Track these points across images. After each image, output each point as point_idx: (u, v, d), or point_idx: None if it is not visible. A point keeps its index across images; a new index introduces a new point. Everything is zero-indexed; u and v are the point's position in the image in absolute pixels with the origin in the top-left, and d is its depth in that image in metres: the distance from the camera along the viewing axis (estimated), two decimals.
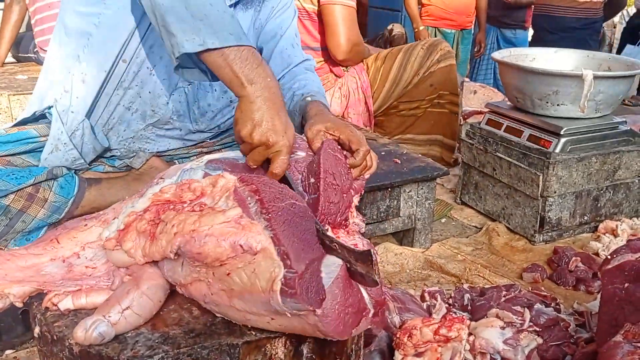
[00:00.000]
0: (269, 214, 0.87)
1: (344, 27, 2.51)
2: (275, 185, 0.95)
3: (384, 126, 2.75)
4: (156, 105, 1.48)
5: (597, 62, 2.32)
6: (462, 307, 1.62)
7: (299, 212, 0.93)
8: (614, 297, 1.26)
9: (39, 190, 1.38)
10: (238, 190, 0.91)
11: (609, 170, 2.15)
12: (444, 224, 2.37)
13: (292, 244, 0.86)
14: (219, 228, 0.85)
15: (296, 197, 0.96)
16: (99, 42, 1.39)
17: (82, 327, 0.87)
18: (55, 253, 0.97)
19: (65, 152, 1.44)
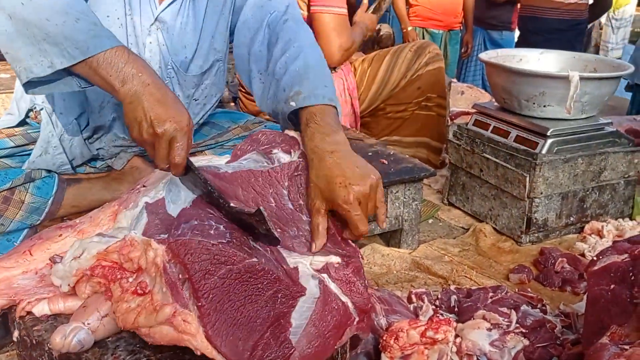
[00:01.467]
0: (200, 300, 0.82)
1: (335, 36, 2.47)
2: (207, 248, 0.85)
3: (370, 127, 2.74)
4: None
5: (583, 64, 2.33)
6: (448, 309, 1.62)
7: (239, 277, 0.86)
8: (600, 298, 1.26)
9: (15, 193, 1.35)
10: (168, 270, 0.84)
11: (595, 172, 2.15)
12: (431, 225, 2.37)
13: (229, 340, 0.81)
14: (157, 330, 0.83)
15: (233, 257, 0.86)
16: None
17: (61, 333, 0.84)
18: (28, 266, 0.95)
19: (54, 155, 1.42)
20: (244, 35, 1.45)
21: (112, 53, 1.05)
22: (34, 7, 1.03)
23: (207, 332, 0.81)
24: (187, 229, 0.89)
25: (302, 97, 1.22)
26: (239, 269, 0.86)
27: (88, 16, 1.08)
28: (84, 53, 1.03)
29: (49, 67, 1.03)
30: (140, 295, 0.85)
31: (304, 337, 0.87)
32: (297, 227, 1.07)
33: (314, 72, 1.28)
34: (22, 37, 1.04)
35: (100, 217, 1.02)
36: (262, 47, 1.41)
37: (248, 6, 1.46)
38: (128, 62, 1.05)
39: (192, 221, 0.92)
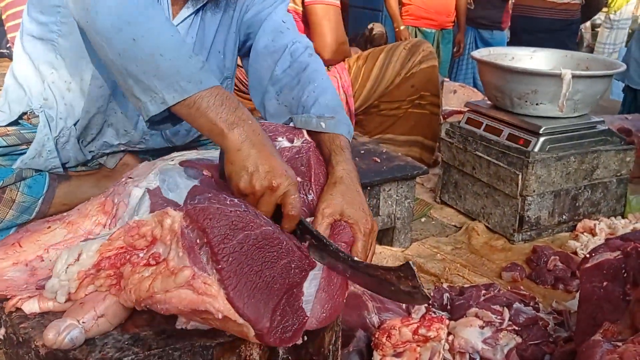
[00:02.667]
0: (219, 263, 0.82)
1: (329, 27, 2.48)
2: (225, 214, 0.86)
3: (364, 125, 2.73)
4: (129, 126, 1.43)
5: (576, 62, 2.33)
6: (441, 307, 1.61)
7: (256, 244, 0.86)
8: (592, 295, 1.26)
9: (5, 192, 1.34)
10: (185, 235, 0.84)
11: (587, 170, 2.16)
12: (424, 223, 2.36)
13: (250, 302, 0.82)
14: (175, 295, 0.81)
15: (251, 224, 0.88)
16: (68, 49, 1.34)
17: (54, 330, 0.83)
18: (18, 257, 0.93)
19: (47, 159, 1.40)
20: (265, 59, 1.46)
21: (221, 95, 1.02)
22: (147, 43, 1.01)
23: (228, 294, 0.81)
24: (203, 199, 0.89)
25: (332, 123, 1.27)
26: (256, 235, 0.87)
27: (197, 55, 1.06)
28: (197, 86, 1.00)
29: (163, 104, 1.00)
30: (152, 265, 0.85)
31: (317, 303, 0.91)
32: None
33: (341, 108, 1.35)
34: (131, 74, 1.02)
35: (88, 209, 1.01)
36: (283, 71, 1.44)
37: (266, 31, 1.47)
38: (238, 107, 1.02)
39: (206, 194, 0.92)
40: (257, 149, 0.99)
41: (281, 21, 1.50)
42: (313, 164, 1.15)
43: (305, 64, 1.43)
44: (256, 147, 0.99)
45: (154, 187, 0.99)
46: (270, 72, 1.45)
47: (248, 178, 0.98)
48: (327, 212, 1.08)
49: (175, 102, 0.99)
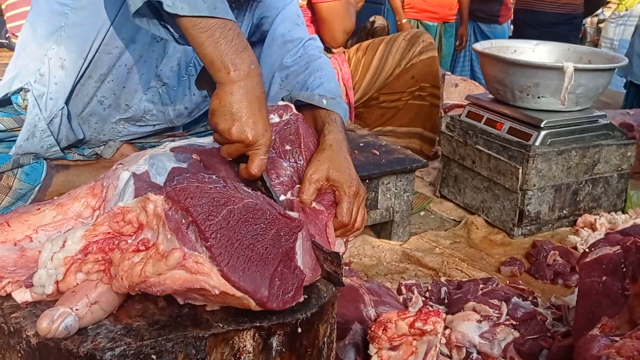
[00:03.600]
0: (208, 240, 0.82)
1: (337, 22, 2.50)
2: (206, 191, 0.86)
3: (364, 118, 2.72)
4: (130, 100, 1.43)
5: (578, 55, 2.32)
6: (439, 301, 1.61)
7: (241, 217, 0.86)
8: (591, 290, 1.25)
9: (2, 178, 1.34)
10: (170, 217, 0.84)
11: (589, 164, 2.14)
12: (423, 217, 2.35)
13: (246, 275, 0.83)
14: (168, 276, 0.82)
15: (233, 198, 0.88)
16: (75, 25, 1.33)
17: (48, 318, 0.82)
18: (6, 236, 0.92)
19: (41, 138, 1.40)
20: (280, 46, 1.48)
21: (234, 31, 0.99)
22: None
23: (222, 270, 0.82)
24: (182, 179, 0.90)
25: (334, 102, 1.31)
26: (239, 209, 0.86)
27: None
28: (210, 10, 0.97)
29: (169, 7, 0.95)
30: (142, 251, 0.85)
31: (305, 254, 0.93)
32: (277, 173, 1.13)
33: (342, 99, 1.39)
34: None
35: (77, 192, 1.00)
36: (293, 60, 1.47)
37: (284, 20, 1.49)
38: (245, 49, 1.00)
39: (184, 174, 0.93)
40: (249, 99, 0.99)
41: (296, 15, 1.53)
42: (302, 132, 1.17)
43: (316, 57, 1.47)
44: (249, 96, 0.99)
45: (141, 172, 0.99)
46: (281, 60, 1.48)
47: (230, 122, 0.99)
48: (314, 178, 1.11)
49: (183, 14, 0.96)
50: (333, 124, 1.26)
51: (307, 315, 0.93)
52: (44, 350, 0.84)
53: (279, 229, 0.90)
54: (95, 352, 0.81)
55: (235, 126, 0.99)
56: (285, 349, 0.93)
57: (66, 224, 0.96)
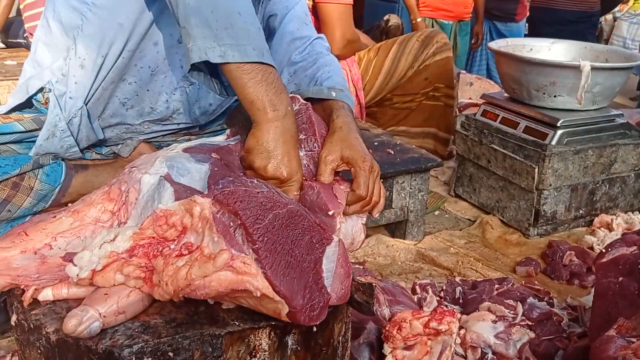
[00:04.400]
0: (255, 243, 0.84)
1: (338, 26, 2.47)
2: (254, 195, 0.88)
3: (377, 118, 2.71)
4: (155, 103, 1.44)
5: (595, 54, 2.29)
6: (453, 300, 1.60)
7: (284, 222, 0.89)
8: (607, 291, 1.24)
9: (24, 179, 1.35)
10: (218, 219, 0.85)
11: (605, 164, 2.12)
12: (437, 216, 2.34)
13: (285, 280, 0.85)
14: (214, 278, 0.83)
15: (278, 203, 0.90)
16: (94, 24, 1.34)
17: (76, 319, 0.83)
18: (25, 245, 0.93)
19: (61, 138, 1.41)
20: (288, 43, 1.52)
21: (274, 74, 1.06)
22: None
23: (265, 272, 0.83)
24: (227, 182, 0.90)
25: (341, 93, 1.35)
26: (283, 214, 0.89)
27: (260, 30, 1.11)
28: (259, 56, 1.04)
29: (220, 57, 1.02)
30: (185, 255, 0.86)
31: (336, 279, 0.93)
32: None
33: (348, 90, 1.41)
34: (202, 17, 1.03)
35: (92, 198, 1.00)
36: (302, 56, 1.50)
37: (293, 19, 1.52)
38: (284, 91, 1.07)
39: (228, 177, 0.93)
40: (284, 138, 1.04)
41: (304, 14, 1.56)
42: (314, 120, 1.19)
43: (324, 54, 1.50)
44: (285, 136, 1.05)
45: (164, 174, 0.99)
46: (289, 56, 1.50)
47: (266, 160, 1.04)
48: (329, 159, 1.13)
49: (234, 61, 1.02)
50: (341, 110, 1.29)
51: None
52: (63, 346, 0.85)
53: (312, 236, 0.91)
54: (114, 349, 0.82)
55: (271, 164, 1.04)
56: (300, 347, 0.94)
57: (84, 229, 0.97)
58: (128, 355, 0.82)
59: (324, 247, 0.92)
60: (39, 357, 0.89)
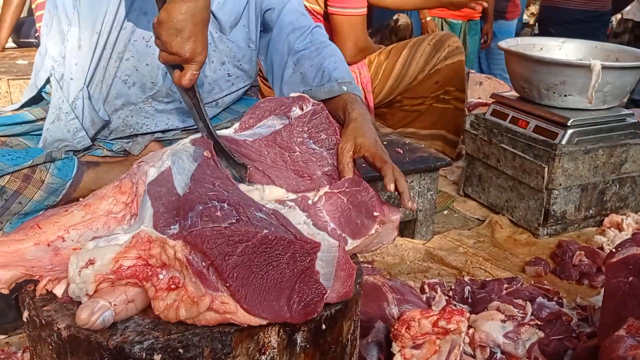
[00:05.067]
0: (227, 281, 0.85)
1: (351, 36, 2.47)
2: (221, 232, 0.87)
3: (386, 119, 2.69)
4: (155, 77, 1.46)
5: (605, 53, 2.28)
6: (462, 300, 1.60)
7: (256, 251, 0.89)
8: (617, 290, 1.24)
9: (36, 172, 1.37)
10: (192, 261, 0.86)
11: (616, 164, 2.11)
12: (446, 216, 2.34)
13: (265, 304, 0.86)
14: (202, 318, 0.85)
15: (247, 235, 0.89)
16: (85, 2, 1.38)
17: (88, 310, 0.83)
18: (39, 238, 0.94)
19: (66, 121, 1.44)
20: (289, 34, 1.56)
21: None
22: None
23: (242, 306, 0.85)
24: (195, 216, 0.90)
25: (351, 86, 1.40)
26: (253, 244, 0.88)
27: None
28: None
29: None
30: (174, 290, 0.87)
31: (337, 281, 0.94)
32: (321, 165, 1.18)
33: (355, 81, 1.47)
34: None
35: (103, 192, 1.01)
36: (304, 45, 1.54)
37: (290, 11, 1.58)
38: None
39: (197, 206, 0.92)
40: (194, 20, 1.09)
41: (300, 6, 1.62)
42: (332, 119, 1.21)
43: (326, 43, 1.55)
44: (195, 18, 1.09)
45: (165, 168, 1.01)
46: (291, 45, 1.55)
47: (173, 36, 1.08)
48: (345, 149, 1.17)
49: None
50: (355, 102, 1.34)
51: (331, 312, 0.94)
52: (75, 342, 0.86)
53: (295, 251, 0.91)
54: (124, 345, 0.83)
55: (176, 41, 1.08)
56: (309, 345, 0.94)
57: (96, 221, 0.98)
58: (138, 352, 0.83)
59: (312, 256, 0.92)
60: (51, 353, 0.89)
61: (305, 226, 1.01)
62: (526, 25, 7.10)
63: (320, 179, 1.16)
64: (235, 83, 1.62)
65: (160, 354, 0.83)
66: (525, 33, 6.65)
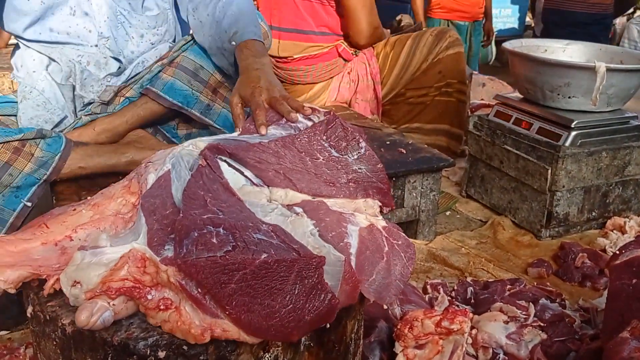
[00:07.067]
0: (226, 309, 0.82)
1: (364, 13, 2.51)
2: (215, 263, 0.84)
3: (391, 115, 2.71)
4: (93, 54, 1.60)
5: (610, 56, 2.28)
6: (465, 301, 1.60)
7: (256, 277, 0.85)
8: (621, 292, 1.23)
9: (26, 146, 1.44)
10: (186, 287, 0.83)
11: (619, 166, 2.11)
12: (448, 217, 2.34)
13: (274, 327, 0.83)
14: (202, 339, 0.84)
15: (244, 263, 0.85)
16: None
17: (87, 311, 0.83)
18: (47, 237, 0.94)
19: (33, 98, 1.58)
20: None
21: None
22: None
23: (246, 331, 0.83)
24: (191, 244, 0.86)
25: (238, 35, 1.51)
26: (252, 270, 0.85)
27: None
28: None
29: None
30: (163, 310, 0.85)
31: (342, 294, 0.91)
32: (346, 172, 1.12)
33: (246, 15, 1.58)
34: None
35: (112, 192, 1.01)
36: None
37: None
38: None
39: (192, 233, 0.88)
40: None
41: None
42: (347, 125, 1.17)
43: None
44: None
45: (163, 172, 0.99)
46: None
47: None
48: (233, 102, 1.28)
49: None
50: (242, 52, 1.46)
51: None
52: (79, 338, 0.85)
53: (300, 269, 0.88)
54: (129, 341, 0.83)
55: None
56: (313, 343, 0.94)
57: (104, 221, 0.97)
58: (143, 348, 0.82)
59: (319, 270, 0.89)
60: (55, 349, 0.89)
61: (311, 238, 0.96)
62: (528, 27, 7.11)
63: (346, 186, 1.10)
64: (161, 47, 1.72)
65: (165, 351, 0.83)
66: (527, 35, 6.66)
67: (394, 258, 1.03)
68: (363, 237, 1.01)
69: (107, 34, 1.58)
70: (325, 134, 1.15)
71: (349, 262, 0.93)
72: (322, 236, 0.97)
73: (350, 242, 0.99)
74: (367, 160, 1.15)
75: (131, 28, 1.62)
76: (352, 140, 1.15)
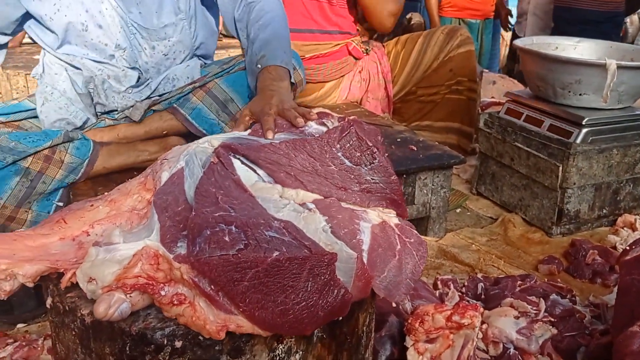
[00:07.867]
0: (239, 307, 0.83)
1: (382, 4, 2.51)
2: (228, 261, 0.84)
3: (402, 112, 2.72)
4: None
5: (621, 53, 2.27)
6: (475, 296, 1.61)
7: (268, 274, 0.86)
8: (631, 288, 1.24)
9: (55, 152, 1.47)
10: (199, 284, 0.84)
11: (630, 163, 2.11)
12: (459, 214, 2.34)
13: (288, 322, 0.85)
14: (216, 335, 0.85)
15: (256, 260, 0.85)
16: None
17: (105, 303, 0.85)
18: (64, 232, 0.95)
19: (54, 100, 1.59)
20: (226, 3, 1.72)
21: None
22: None
23: (261, 327, 0.84)
24: (203, 242, 0.87)
25: (265, 59, 1.52)
26: (264, 268, 0.86)
27: None
28: None
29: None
30: (177, 305, 0.86)
31: (354, 289, 0.92)
32: (358, 182, 1.09)
33: (277, 40, 1.58)
34: None
35: (128, 188, 1.03)
36: (243, 13, 1.68)
37: None
38: None
39: (205, 231, 0.88)
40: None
41: None
42: (361, 133, 1.14)
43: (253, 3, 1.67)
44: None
45: (177, 169, 1.00)
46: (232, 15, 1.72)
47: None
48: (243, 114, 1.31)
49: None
50: (262, 74, 1.48)
51: None
52: (98, 328, 0.87)
53: (312, 266, 0.89)
54: (146, 331, 0.84)
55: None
56: (325, 335, 0.95)
57: (120, 217, 0.99)
58: (160, 338, 0.84)
59: (331, 267, 0.90)
60: (74, 339, 0.91)
61: (324, 234, 0.95)
62: None
63: (358, 193, 1.08)
64: (175, 57, 1.73)
65: (181, 341, 0.84)
66: None
67: (406, 256, 1.03)
68: (375, 234, 1.01)
69: (124, 45, 1.60)
70: (339, 142, 1.12)
71: (361, 259, 0.94)
72: (335, 233, 0.96)
73: (363, 239, 0.99)
74: (381, 171, 1.11)
75: (143, 39, 1.63)
76: (366, 150, 1.12)
